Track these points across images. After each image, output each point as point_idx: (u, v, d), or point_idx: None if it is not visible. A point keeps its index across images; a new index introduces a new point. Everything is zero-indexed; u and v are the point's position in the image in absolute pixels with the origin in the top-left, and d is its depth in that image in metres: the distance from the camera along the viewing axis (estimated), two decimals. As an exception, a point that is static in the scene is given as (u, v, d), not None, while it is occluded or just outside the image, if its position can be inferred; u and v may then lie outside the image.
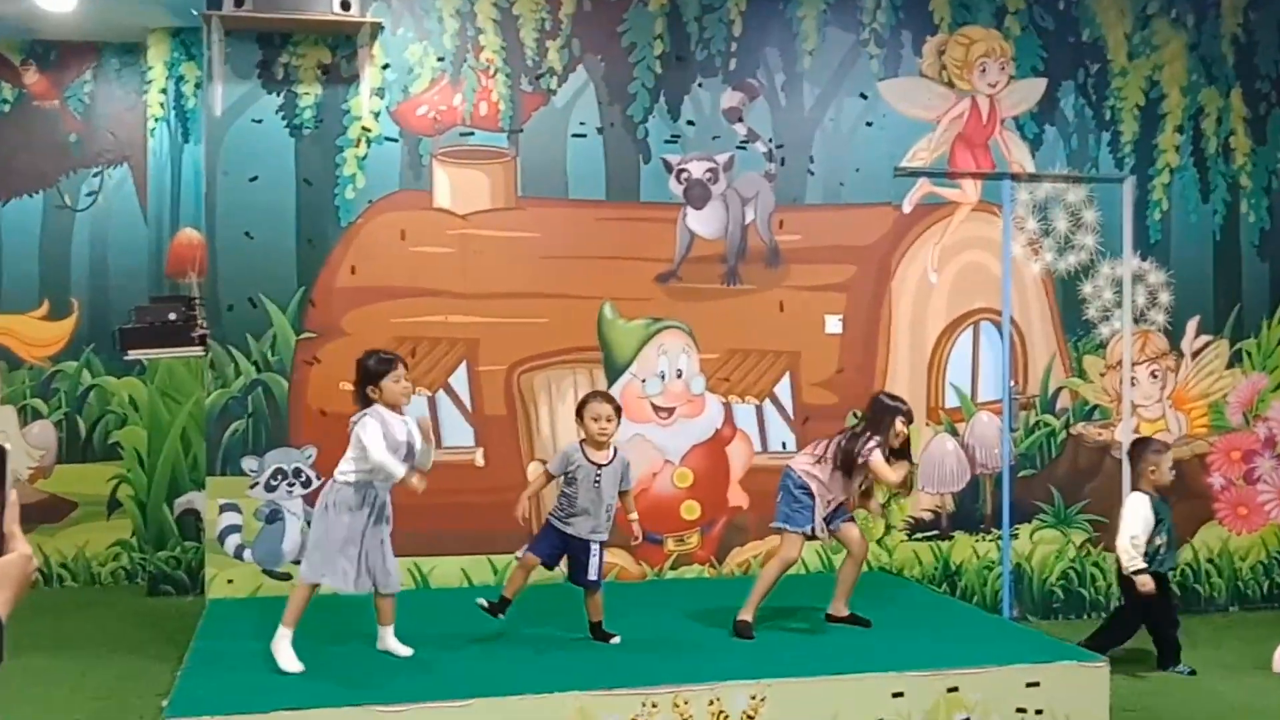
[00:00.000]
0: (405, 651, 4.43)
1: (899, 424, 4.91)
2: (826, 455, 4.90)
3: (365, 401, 4.38)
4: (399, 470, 4.25)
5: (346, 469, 4.35)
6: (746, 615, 4.84)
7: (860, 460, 4.85)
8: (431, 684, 4.14)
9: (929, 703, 4.30)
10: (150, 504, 6.83)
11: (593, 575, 4.67)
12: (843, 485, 4.92)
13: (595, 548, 4.66)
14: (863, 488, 5.04)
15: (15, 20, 6.75)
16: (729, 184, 6.09)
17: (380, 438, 4.25)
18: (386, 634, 4.46)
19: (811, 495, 4.86)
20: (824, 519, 4.90)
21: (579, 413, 4.74)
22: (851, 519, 5.03)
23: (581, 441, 4.70)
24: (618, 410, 4.72)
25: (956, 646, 4.68)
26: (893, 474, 4.87)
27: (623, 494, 4.75)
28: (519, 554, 4.76)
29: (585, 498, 4.62)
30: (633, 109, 6.00)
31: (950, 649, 4.62)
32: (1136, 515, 5.33)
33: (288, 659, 4.25)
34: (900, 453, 4.94)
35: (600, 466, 4.64)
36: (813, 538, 4.96)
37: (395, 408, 4.36)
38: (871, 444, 4.84)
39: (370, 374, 4.40)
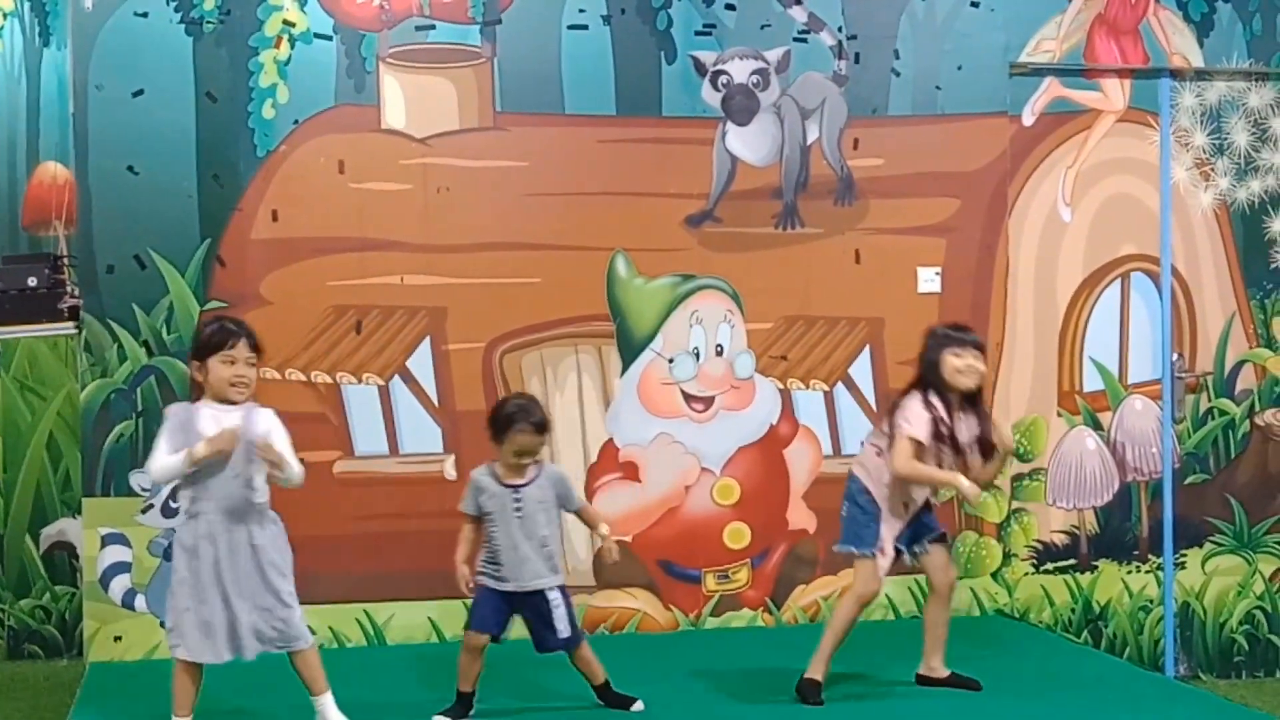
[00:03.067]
0: None
1: (954, 360, 4.74)
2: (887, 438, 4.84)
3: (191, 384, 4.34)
4: (176, 465, 4.20)
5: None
6: (815, 674, 4.82)
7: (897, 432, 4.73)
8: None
9: (1069, 792, 4.34)
10: (8, 536, 6.84)
11: (564, 631, 4.61)
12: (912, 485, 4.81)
13: (554, 595, 4.60)
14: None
15: None
16: (783, 91, 6.08)
17: (166, 446, 4.23)
18: (322, 705, 4.40)
19: (874, 502, 4.80)
20: (906, 535, 4.84)
21: (495, 432, 4.62)
22: (942, 538, 4.95)
23: (492, 464, 4.64)
24: (543, 431, 4.60)
25: (1105, 715, 4.68)
26: (912, 467, 4.66)
27: (577, 514, 4.76)
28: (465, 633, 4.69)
29: (508, 535, 4.58)
30: (651, -11, 6.00)
31: (1097, 718, 4.63)
32: None
33: None
34: (973, 400, 4.80)
35: (518, 488, 4.59)
36: (881, 555, 4.81)
37: (224, 400, 4.29)
38: (909, 401, 4.73)
39: (199, 347, 4.37)
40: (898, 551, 4.84)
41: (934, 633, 4.99)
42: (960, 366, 4.72)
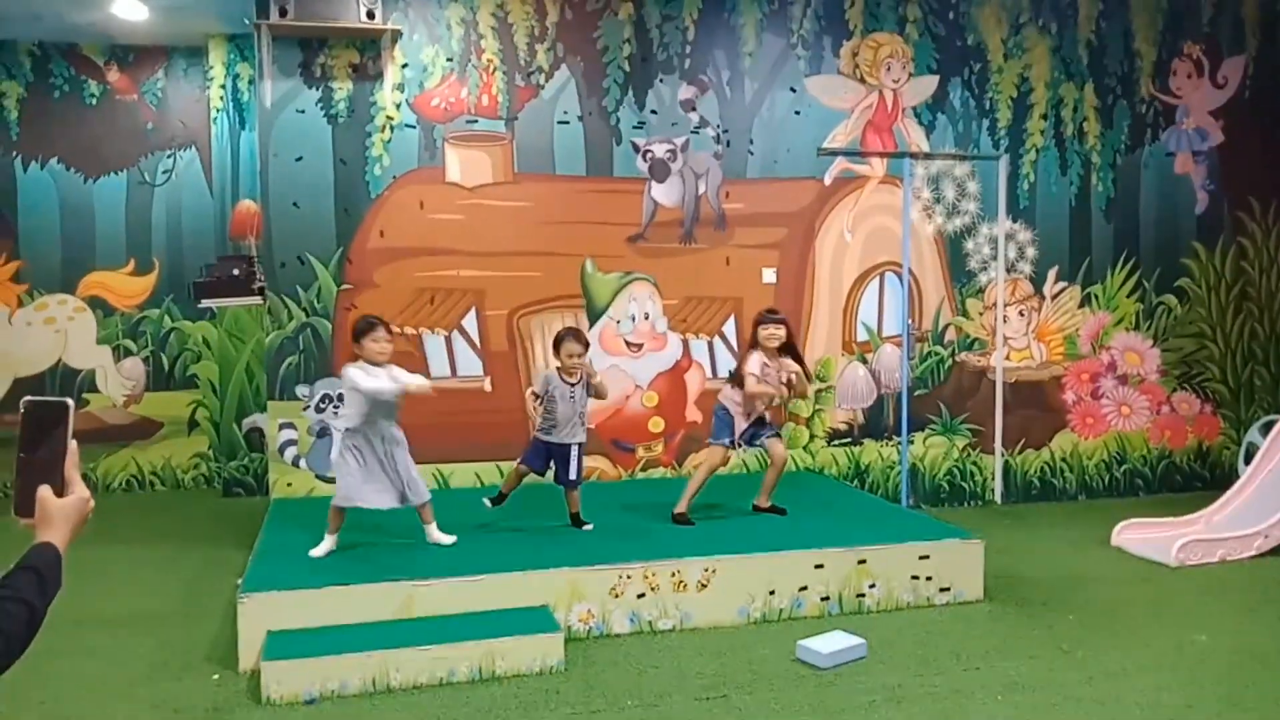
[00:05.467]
0: (449, 540, 4.38)
1: (762, 331, 4.76)
2: (731, 381, 4.88)
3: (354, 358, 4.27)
4: (390, 387, 4.15)
5: (346, 415, 4.26)
6: (682, 508, 4.84)
7: (740, 373, 4.78)
8: (452, 564, 4.15)
9: (844, 572, 4.36)
10: (222, 423, 6.78)
11: (573, 475, 4.66)
12: (754, 400, 4.80)
13: (575, 449, 4.63)
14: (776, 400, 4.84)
15: (98, 27, 6.54)
16: (685, 162, 6.00)
17: (363, 374, 4.16)
18: (430, 529, 4.41)
19: (730, 415, 4.82)
20: (748, 434, 4.83)
21: (556, 348, 4.65)
22: (778, 434, 4.94)
23: (558, 368, 4.64)
24: (587, 345, 4.65)
25: (865, 529, 4.72)
26: (755, 385, 4.70)
27: (594, 394, 4.71)
28: (518, 464, 4.73)
29: (563, 411, 4.60)
30: (607, 100, 5.88)
31: (860, 531, 4.67)
32: None
33: (320, 551, 4.27)
34: (787, 350, 4.80)
35: (572, 385, 4.62)
36: (733, 447, 4.87)
37: (372, 363, 4.22)
38: (749, 356, 4.78)
39: (354, 333, 4.27)
40: (743, 444, 4.88)
41: (766, 485, 5.01)
42: (766, 335, 4.75)
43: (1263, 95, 6.90)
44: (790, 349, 4.84)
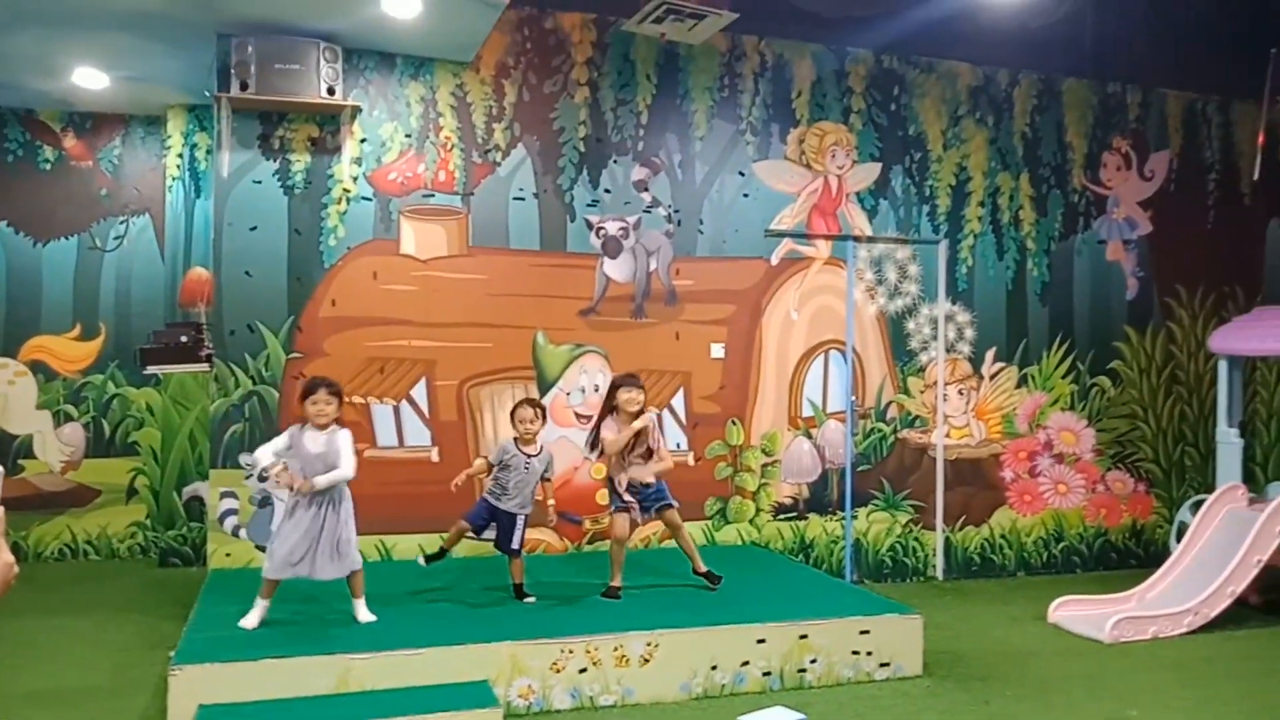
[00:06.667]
0: (371, 618, 4.33)
1: (622, 395, 4.80)
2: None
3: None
4: (263, 461, 4.24)
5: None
6: (615, 582, 4.85)
7: (599, 439, 4.84)
8: (392, 637, 4.10)
9: (786, 647, 4.39)
10: (162, 492, 6.65)
11: (515, 545, 4.68)
12: (620, 466, 4.84)
13: (520, 520, 4.68)
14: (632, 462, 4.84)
15: (57, 95, 6.58)
16: (637, 239, 6.13)
17: (275, 445, 4.26)
18: (357, 605, 4.36)
19: (614, 485, 4.90)
20: (643, 506, 4.86)
21: (511, 415, 4.80)
22: (670, 505, 4.93)
23: (514, 439, 4.74)
24: (542, 411, 4.77)
25: (808, 603, 4.76)
26: (615, 444, 4.74)
27: (545, 481, 4.77)
28: (460, 519, 4.74)
29: (515, 480, 4.63)
30: (561, 179, 6.02)
31: (803, 605, 4.70)
32: None
33: (249, 620, 4.21)
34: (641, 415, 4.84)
35: (530, 457, 4.69)
36: (630, 512, 4.86)
37: (316, 426, 4.28)
38: (605, 422, 4.84)
39: (300, 395, 4.37)
40: (637, 509, 4.87)
41: (687, 551, 5.02)
42: (625, 400, 4.82)
43: (1186, 188, 7.29)
44: (641, 421, 4.82)
